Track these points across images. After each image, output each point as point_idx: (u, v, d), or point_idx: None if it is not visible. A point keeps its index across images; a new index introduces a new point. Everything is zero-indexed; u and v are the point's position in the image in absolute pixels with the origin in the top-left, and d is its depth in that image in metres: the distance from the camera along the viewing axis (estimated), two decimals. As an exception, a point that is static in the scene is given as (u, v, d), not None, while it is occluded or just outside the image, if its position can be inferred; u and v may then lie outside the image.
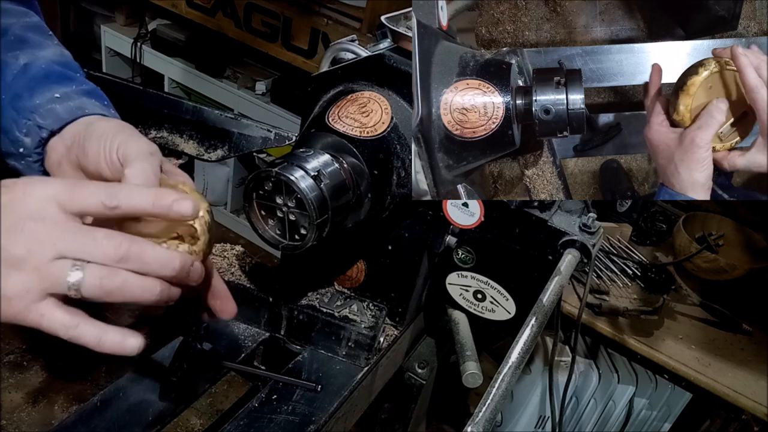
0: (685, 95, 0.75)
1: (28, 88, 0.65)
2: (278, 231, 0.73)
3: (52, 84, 0.66)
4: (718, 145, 0.75)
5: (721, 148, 0.76)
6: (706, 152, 0.74)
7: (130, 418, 0.76)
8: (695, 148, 0.73)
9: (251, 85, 2.73)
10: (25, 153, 0.65)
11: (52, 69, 0.68)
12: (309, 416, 0.79)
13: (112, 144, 0.59)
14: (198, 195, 0.59)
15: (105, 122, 0.63)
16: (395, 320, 0.96)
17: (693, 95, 0.75)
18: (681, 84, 0.76)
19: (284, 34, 2.44)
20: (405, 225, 0.88)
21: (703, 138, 0.73)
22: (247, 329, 0.94)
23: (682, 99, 0.75)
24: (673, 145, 0.75)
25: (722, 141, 0.76)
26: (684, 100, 0.75)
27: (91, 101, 0.67)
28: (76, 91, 0.67)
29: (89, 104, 0.66)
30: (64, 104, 0.65)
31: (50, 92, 0.65)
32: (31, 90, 0.65)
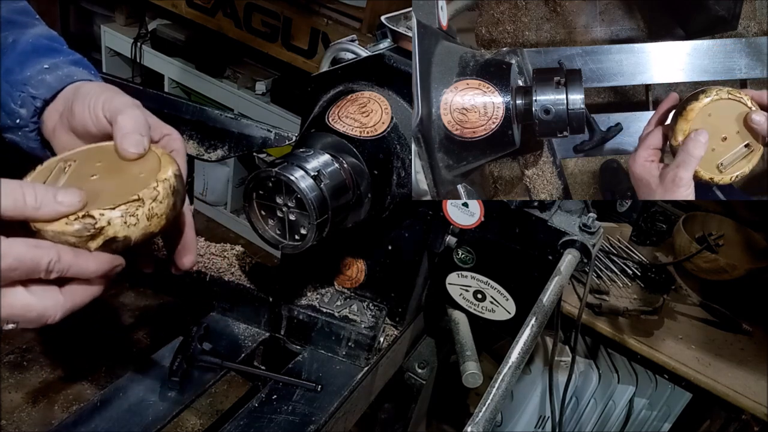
0: (683, 120, 0.73)
1: (19, 62, 0.68)
2: (278, 231, 0.73)
3: (41, 56, 0.69)
4: (717, 176, 0.73)
5: (721, 181, 0.74)
6: (687, 190, 0.72)
7: (130, 418, 0.76)
8: (676, 188, 0.72)
9: (251, 85, 2.73)
10: (21, 124, 0.67)
11: (40, 42, 0.71)
12: (309, 416, 0.79)
13: (96, 102, 0.62)
14: (168, 158, 0.59)
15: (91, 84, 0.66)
16: (395, 320, 0.96)
17: (691, 121, 0.72)
18: (680, 109, 0.74)
19: (284, 34, 2.44)
20: (405, 225, 0.88)
21: (683, 177, 0.71)
22: (247, 329, 0.94)
23: (680, 125, 0.73)
24: (654, 182, 0.74)
25: (722, 172, 0.73)
26: (681, 126, 0.73)
27: (79, 69, 0.70)
28: (64, 61, 0.70)
29: (78, 72, 0.69)
30: (54, 74, 0.67)
31: (39, 64, 0.68)
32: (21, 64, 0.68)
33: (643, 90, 0.98)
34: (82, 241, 0.51)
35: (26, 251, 0.48)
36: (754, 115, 0.71)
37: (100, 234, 0.51)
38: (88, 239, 0.51)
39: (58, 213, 0.50)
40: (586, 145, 0.96)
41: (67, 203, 0.50)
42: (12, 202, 0.48)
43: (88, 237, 0.51)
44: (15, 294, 0.49)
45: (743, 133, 0.72)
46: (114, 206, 0.52)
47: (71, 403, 0.77)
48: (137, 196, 0.53)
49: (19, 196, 0.48)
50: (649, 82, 0.93)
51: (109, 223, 0.51)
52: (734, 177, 0.74)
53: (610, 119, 0.96)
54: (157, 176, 0.55)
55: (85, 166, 0.58)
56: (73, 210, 0.50)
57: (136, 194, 0.53)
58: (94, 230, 0.51)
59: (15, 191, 0.48)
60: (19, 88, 0.66)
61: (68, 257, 0.50)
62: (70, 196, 0.51)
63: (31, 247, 0.48)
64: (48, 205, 0.49)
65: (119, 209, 0.52)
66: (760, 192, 0.92)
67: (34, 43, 0.70)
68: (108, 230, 0.52)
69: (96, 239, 0.52)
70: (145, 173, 0.57)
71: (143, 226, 0.53)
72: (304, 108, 0.86)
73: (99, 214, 0.51)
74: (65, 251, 0.50)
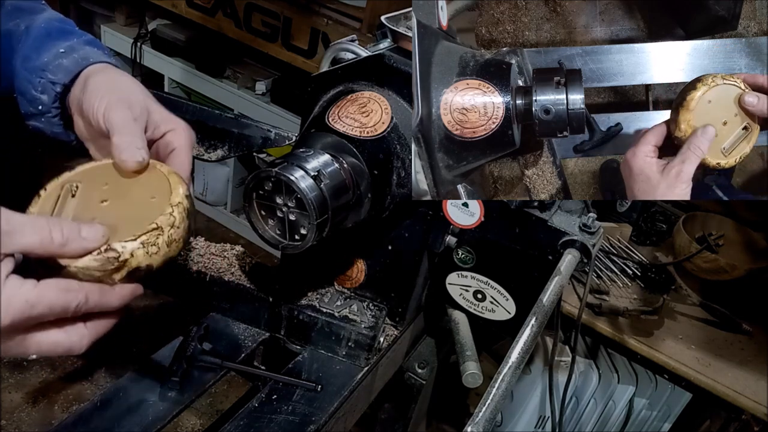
0: (686, 111, 0.74)
1: (35, 48, 0.68)
2: (278, 231, 0.73)
3: (55, 40, 0.69)
4: (723, 161, 0.75)
5: (726, 164, 0.76)
6: (687, 187, 0.74)
7: (130, 418, 0.76)
8: (679, 183, 0.73)
9: (251, 85, 2.73)
10: (44, 110, 0.68)
11: (52, 26, 0.71)
12: (309, 416, 0.79)
13: (99, 105, 0.62)
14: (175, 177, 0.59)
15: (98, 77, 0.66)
16: (395, 320, 0.96)
17: (693, 110, 0.74)
18: (680, 101, 0.76)
19: (284, 34, 2.44)
20: (405, 225, 0.88)
21: (688, 171, 0.73)
22: (247, 329, 0.94)
23: (683, 115, 0.75)
24: (656, 177, 0.75)
25: (726, 156, 0.75)
26: (685, 116, 0.74)
27: (94, 50, 0.70)
28: (79, 43, 0.70)
29: (92, 53, 0.69)
30: (70, 57, 0.68)
31: (55, 48, 0.68)
32: (37, 50, 0.68)
33: (643, 90, 0.98)
34: (107, 274, 0.52)
35: (56, 298, 0.49)
36: (747, 97, 0.73)
37: (124, 266, 0.52)
38: (112, 272, 0.52)
39: (84, 249, 0.51)
40: (586, 145, 0.96)
41: (92, 239, 0.51)
42: (40, 241, 0.48)
43: (112, 270, 0.52)
44: (44, 333, 0.50)
45: (741, 115, 0.75)
46: (135, 237, 0.52)
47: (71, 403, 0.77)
48: (156, 225, 0.53)
49: (47, 235, 0.48)
50: (649, 82, 0.93)
51: (132, 255, 0.52)
52: (738, 159, 0.76)
53: (610, 119, 0.96)
54: (171, 200, 0.56)
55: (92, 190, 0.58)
56: (98, 245, 0.51)
57: (155, 222, 0.54)
58: (118, 263, 0.52)
59: (43, 230, 0.48)
60: (38, 74, 0.67)
61: (95, 297, 0.51)
62: (95, 231, 0.51)
63: (62, 292, 0.49)
64: (74, 242, 0.50)
65: (140, 240, 0.52)
66: (760, 192, 0.93)
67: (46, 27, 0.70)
68: (131, 262, 0.52)
69: (120, 271, 0.52)
70: (157, 197, 0.57)
71: (164, 253, 0.54)
72: (304, 108, 0.86)
73: (121, 247, 0.52)
74: (92, 291, 0.51)
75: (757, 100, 0.73)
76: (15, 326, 0.47)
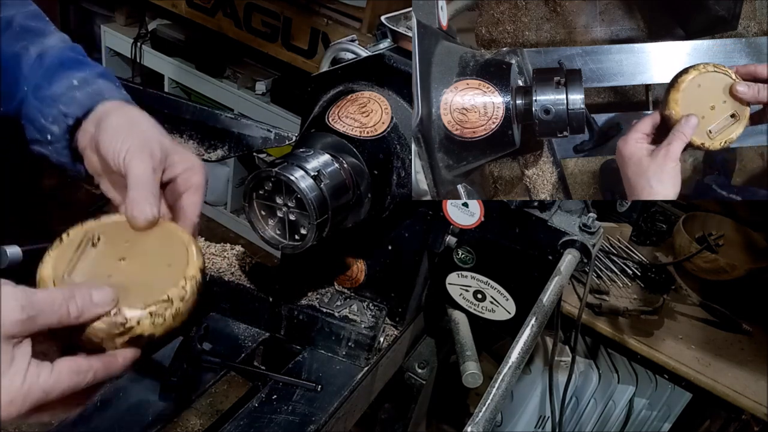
0: (675, 91, 0.79)
1: (47, 78, 0.68)
2: (278, 231, 0.73)
3: (68, 70, 0.69)
4: (707, 142, 0.79)
5: (711, 146, 0.80)
6: (676, 165, 0.78)
7: (130, 418, 0.76)
8: (668, 161, 0.77)
9: (251, 85, 2.73)
10: (53, 140, 0.68)
11: (66, 55, 0.71)
12: (309, 416, 0.79)
13: (120, 149, 0.61)
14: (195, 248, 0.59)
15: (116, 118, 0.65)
16: (395, 320, 0.96)
17: (682, 90, 0.78)
18: (673, 82, 0.80)
19: (284, 34, 2.44)
20: (405, 225, 0.88)
21: (674, 152, 0.77)
22: (247, 329, 0.94)
23: (672, 95, 0.79)
24: (646, 160, 0.79)
25: (712, 139, 0.79)
26: (674, 96, 0.79)
27: (107, 84, 0.70)
28: (92, 75, 0.70)
29: (106, 87, 0.69)
30: (84, 90, 0.67)
31: (68, 79, 0.68)
32: (49, 79, 0.68)
33: (643, 90, 0.98)
34: (110, 338, 0.53)
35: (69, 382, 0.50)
36: (739, 86, 0.78)
37: (128, 332, 0.53)
38: (116, 336, 0.53)
39: (95, 315, 0.51)
40: (586, 145, 0.96)
41: (103, 303, 0.51)
42: (58, 319, 0.49)
43: (116, 334, 0.52)
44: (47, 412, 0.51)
45: (729, 103, 0.79)
46: (144, 306, 0.53)
47: (71, 403, 0.77)
48: (167, 297, 0.54)
49: (65, 312, 0.49)
50: (649, 82, 0.93)
51: (138, 323, 0.53)
52: (723, 143, 0.80)
53: (610, 119, 0.96)
54: (185, 273, 0.56)
55: (113, 245, 0.59)
56: (106, 310, 0.52)
57: (166, 294, 0.54)
58: (123, 329, 0.52)
59: (62, 307, 0.49)
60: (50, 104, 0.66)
61: (101, 373, 0.52)
62: (105, 295, 0.52)
63: (73, 375, 0.50)
64: (87, 311, 0.51)
65: (149, 309, 0.53)
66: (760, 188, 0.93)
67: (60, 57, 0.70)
68: (136, 329, 0.53)
69: (123, 336, 0.53)
70: (174, 265, 0.57)
71: (168, 325, 0.55)
72: (304, 108, 0.86)
73: (130, 314, 0.52)
74: (99, 369, 0.52)
75: (748, 89, 0.78)
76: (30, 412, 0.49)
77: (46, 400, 0.49)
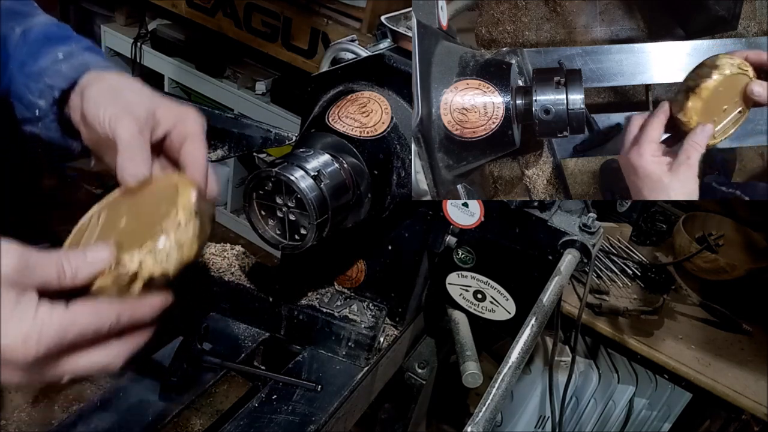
0: (697, 98, 0.75)
1: (32, 54, 0.67)
2: (278, 231, 0.73)
3: (53, 45, 0.68)
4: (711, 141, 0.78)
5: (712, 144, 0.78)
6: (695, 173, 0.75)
7: (130, 418, 0.76)
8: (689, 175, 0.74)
9: (251, 85, 2.73)
10: (41, 115, 0.67)
11: (50, 31, 0.70)
12: (309, 416, 0.79)
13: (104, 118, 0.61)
14: (185, 181, 0.58)
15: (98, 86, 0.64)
16: (395, 320, 0.96)
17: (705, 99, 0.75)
18: (693, 85, 0.76)
19: (284, 34, 2.44)
20: (405, 225, 0.88)
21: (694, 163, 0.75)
22: (247, 329, 0.94)
23: (693, 102, 0.75)
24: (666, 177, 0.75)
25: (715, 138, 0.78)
26: (695, 104, 0.75)
27: (93, 56, 0.69)
28: (78, 48, 0.69)
29: (92, 59, 0.68)
30: (69, 63, 0.67)
31: (53, 53, 0.67)
32: (35, 55, 0.67)
33: (643, 90, 0.98)
34: (123, 289, 0.52)
35: (89, 321, 0.48)
36: (754, 86, 0.74)
37: (137, 278, 0.51)
38: (128, 286, 0.52)
39: (94, 273, 0.50)
40: (586, 145, 0.96)
41: (98, 260, 0.51)
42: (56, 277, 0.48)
43: (127, 285, 0.51)
44: (78, 356, 0.50)
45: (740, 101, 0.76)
46: (140, 247, 0.52)
47: (71, 403, 0.77)
48: (161, 228, 0.53)
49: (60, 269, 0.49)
50: (649, 82, 0.93)
51: (141, 265, 0.51)
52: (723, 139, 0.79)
53: (610, 119, 0.96)
54: (177, 202, 0.55)
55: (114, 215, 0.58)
56: (105, 264, 0.51)
57: (160, 226, 0.53)
58: (129, 276, 0.51)
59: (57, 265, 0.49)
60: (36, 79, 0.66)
61: (127, 314, 0.51)
62: (98, 252, 0.51)
63: (93, 315, 0.49)
64: (83, 269, 0.50)
65: (146, 248, 0.52)
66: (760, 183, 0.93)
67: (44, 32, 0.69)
68: (143, 272, 0.51)
69: (135, 283, 0.52)
70: (165, 204, 0.56)
71: (176, 257, 0.53)
72: (304, 108, 0.86)
73: (129, 260, 0.51)
74: (124, 309, 0.51)
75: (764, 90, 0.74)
76: (50, 354, 0.47)
77: (65, 340, 0.47)
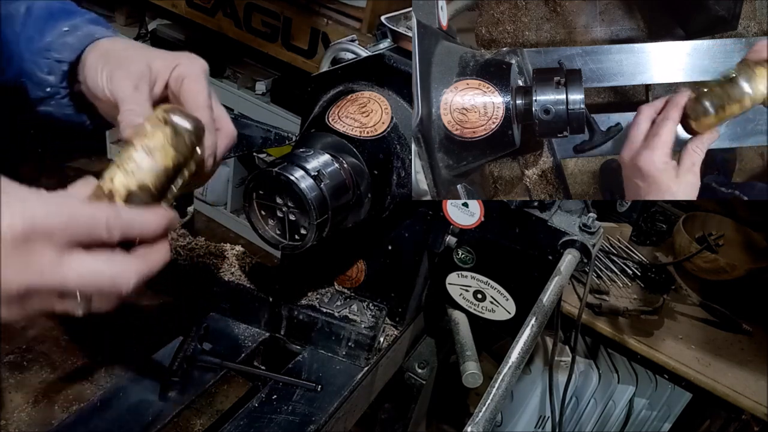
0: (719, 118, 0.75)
1: (38, 30, 0.67)
2: (278, 231, 0.73)
3: (58, 20, 0.67)
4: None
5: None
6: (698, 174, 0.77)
7: (130, 418, 0.76)
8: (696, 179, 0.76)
9: (251, 85, 2.73)
10: (52, 92, 0.66)
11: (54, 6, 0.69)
12: (309, 416, 0.79)
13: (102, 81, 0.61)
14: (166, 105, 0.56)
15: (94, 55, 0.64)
16: (395, 320, 0.96)
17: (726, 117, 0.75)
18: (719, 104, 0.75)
19: (284, 34, 2.44)
20: (405, 225, 0.88)
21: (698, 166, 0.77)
22: (247, 329, 0.94)
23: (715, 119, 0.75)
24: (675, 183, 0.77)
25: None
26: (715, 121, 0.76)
27: (98, 27, 0.69)
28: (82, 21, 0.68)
29: (97, 30, 0.68)
30: (74, 35, 0.66)
31: (58, 27, 0.67)
32: (41, 30, 0.66)
33: (643, 90, 0.98)
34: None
35: (80, 209, 0.46)
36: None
37: (114, 195, 0.49)
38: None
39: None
40: (586, 145, 0.96)
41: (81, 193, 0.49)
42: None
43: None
44: (80, 260, 0.46)
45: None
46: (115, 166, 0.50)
47: (71, 403, 0.77)
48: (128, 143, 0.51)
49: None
50: (649, 82, 0.93)
51: (113, 181, 0.49)
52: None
53: (610, 119, 0.95)
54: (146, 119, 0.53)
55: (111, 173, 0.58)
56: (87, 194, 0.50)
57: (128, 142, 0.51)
58: (107, 195, 0.49)
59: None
60: (44, 55, 0.65)
61: (127, 213, 0.48)
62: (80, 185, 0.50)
63: (86, 205, 0.47)
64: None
65: (116, 163, 0.50)
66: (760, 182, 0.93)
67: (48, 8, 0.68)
68: (117, 186, 0.49)
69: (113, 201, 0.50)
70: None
71: (148, 166, 0.51)
72: (304, 108, 0.86)
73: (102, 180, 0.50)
74: (124, 208, 0.48)
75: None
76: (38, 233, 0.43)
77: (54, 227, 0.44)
